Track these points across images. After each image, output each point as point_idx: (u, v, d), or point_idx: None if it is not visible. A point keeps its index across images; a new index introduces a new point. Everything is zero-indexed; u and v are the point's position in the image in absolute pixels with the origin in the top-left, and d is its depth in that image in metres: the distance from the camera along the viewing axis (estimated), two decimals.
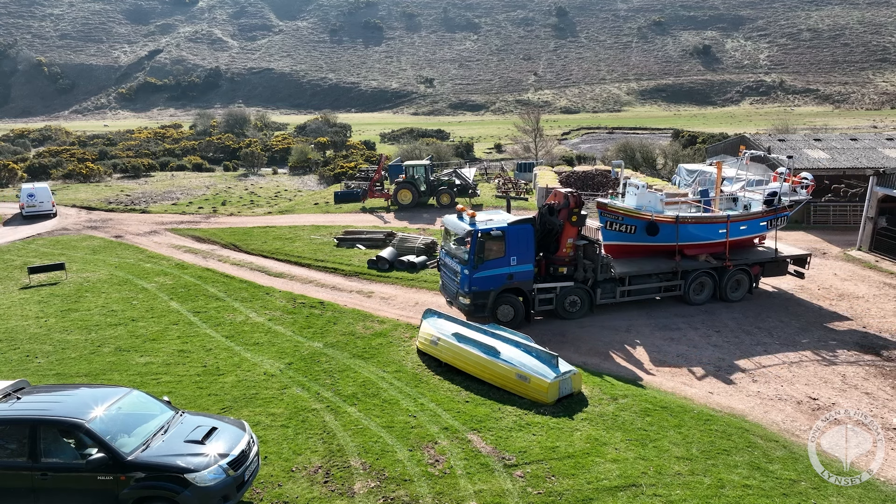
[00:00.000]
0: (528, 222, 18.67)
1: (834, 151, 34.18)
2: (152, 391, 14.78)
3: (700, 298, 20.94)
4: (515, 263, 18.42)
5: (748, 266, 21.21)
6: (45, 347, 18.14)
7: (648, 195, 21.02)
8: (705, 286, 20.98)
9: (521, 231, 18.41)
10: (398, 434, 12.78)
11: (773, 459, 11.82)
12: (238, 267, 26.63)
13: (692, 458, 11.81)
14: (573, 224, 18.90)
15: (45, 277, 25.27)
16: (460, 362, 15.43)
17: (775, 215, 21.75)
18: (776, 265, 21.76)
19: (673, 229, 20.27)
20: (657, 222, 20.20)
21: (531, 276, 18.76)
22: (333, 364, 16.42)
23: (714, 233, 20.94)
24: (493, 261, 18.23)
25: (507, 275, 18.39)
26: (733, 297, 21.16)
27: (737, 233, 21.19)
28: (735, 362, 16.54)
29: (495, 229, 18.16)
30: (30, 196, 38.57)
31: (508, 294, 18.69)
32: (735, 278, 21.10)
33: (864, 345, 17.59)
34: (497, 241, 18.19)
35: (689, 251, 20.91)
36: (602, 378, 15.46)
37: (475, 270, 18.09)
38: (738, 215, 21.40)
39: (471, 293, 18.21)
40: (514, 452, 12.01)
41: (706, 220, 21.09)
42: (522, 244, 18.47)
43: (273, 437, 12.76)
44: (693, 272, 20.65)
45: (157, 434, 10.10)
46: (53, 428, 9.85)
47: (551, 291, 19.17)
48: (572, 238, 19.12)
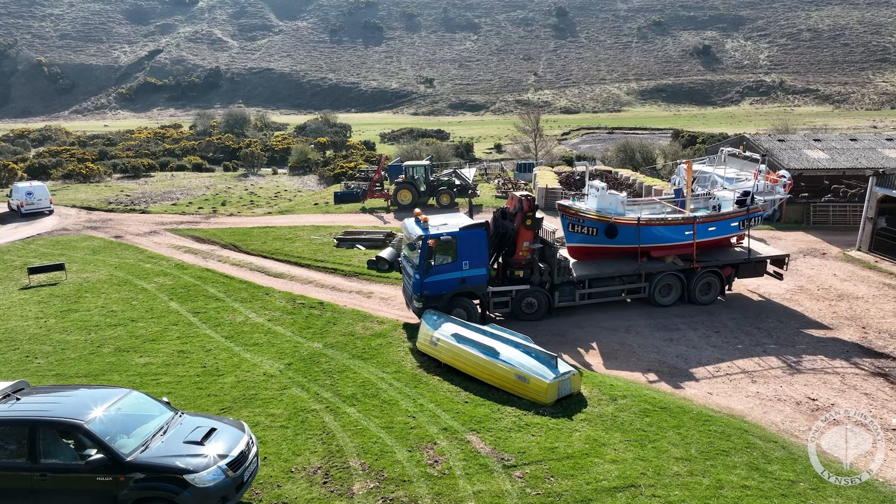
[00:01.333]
0: (480, 227, 18.70)
1: (833, 152, 34.18)
2: (152, 392, 14.80)
3: (667, 301, 20.63)
4: (468, 267, 18.51)
5: (719, 268, 20.81)
6: (45, 348, 18.15)
7: (609, 197, 20.71)
8: (672, 288, 20.67)
9: (473, 236, 18.46)
10: (397, 434, 12.79)
11: (771, 460, 11.83)
12: (238, 267, 26.64)
13: (691, 458, 11.83)
14: (528, 227, 18.90)
15: (45, 278, 25.28)
16: (459, 363, 15.44)
17: (748, 216, 21.18)
18: (751, 266, 21.26)
19: (635, 231, 20.04)
20: (617, 224, 20.05)
21: (485, 279, 18.82)
22: (333, 364, 16.43)
23: (680, 234, 20.58)
24: (444, 265, 18.37)
25: (459, 279, 18.49)
26: (703, 300, 20.77)
27: (705, 234, 20.71)
28: (734, 363, 16.55)
29: (446, 234, 18.27)
30: (28, 194, 39.30)
31: (462, 297, 18.75)
32: (704, 281, 20.70)
33: (864, 345, 17.59)
34: (448, 246, 18.31)
35: (656, 253, 20.62)
36: (601, 378, 15.47)
37: (426, 275, 18.19)
38: (706, 216, 20.98)
39: (423, 297, 18.32)
40: (514, 453, 12.02)
41: (671, 222, 20.74)
42: (475, 248, 18.52)
43: (272, 438, 12.77)
44: (658, 274, 20.37)
45: (156, 435, 10.11)
46: (53, 429, 9.86)
47: (507, 294, 19.19)
48: (528, 241, 19.09)
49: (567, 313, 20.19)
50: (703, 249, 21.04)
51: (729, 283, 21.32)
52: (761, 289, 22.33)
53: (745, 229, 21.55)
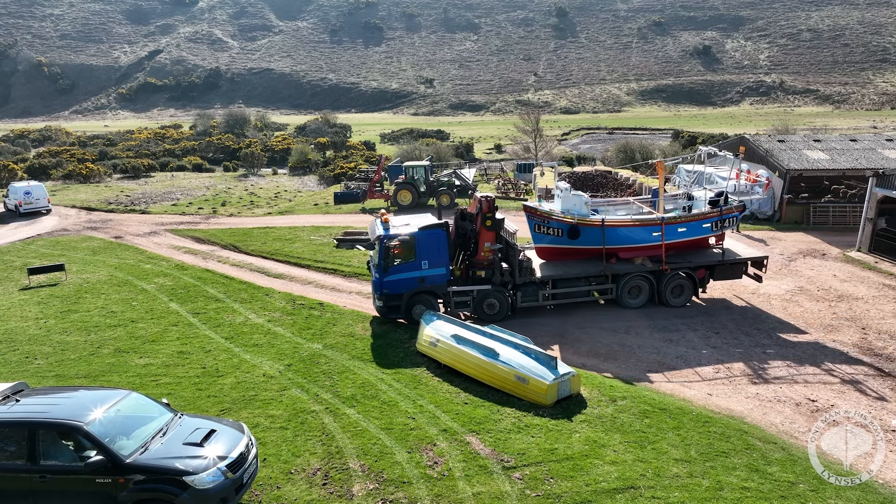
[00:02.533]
0: (439, 227, 19.08)
1: (833, 152, 34.17)
2: (151, 393, 14.80)
3: (636, 303, 20.49)
4: (427, 267, 18.99)
5: (690, 269, 20.57)
6: (45, 349, 18.15)
7: (573, 198, 20.67)
8: (642, 290, 20.50)
9: (431, 236, 18.93)
10: (397, 436, 12.79)
11: (771, 461, 11.82)
12: (238, 268, 26.64)
13: (691, 460, 11.82)
14: (488, 228, 19.15)
15: (45, 278, 25.29)
16: (459, 364, 15.44)
17: (720, 217, 20.79)
18: (727, 268, 20.88)
19: (599, 232, 19.98)
20: (580, 225, 20.06)
21: (444, 279, 19.21)
22: (333, 366, 16.42)
23: (647, 236, 20.34)
24: (403, 265, 18.89)
25: (418, 278, 18.98)
26: (674, 303, 20.54)
27: (675, 235, 20.43)
28: (734, 364, 16.55)
29: (404, 235, 18.79)
30: (26, 193, 39.47)
31: (423, 295, 19.17)
32: (676, 283, 20.48)
33: (863, 346, 17.58)
34: (406, 246, 18.83)
35: (624, 254, 20.50)
36: (601, 380, 15.46)
37: (385, 274, 18.80)
38: (675, 217, 20.71)
39: (383, 296, 18.95)
40: (513, 454, 12.01)
41: (637, 223, 20.52)
42: (434, 249, 18.98)
43: (272, 439, 12.76)
44: (625, 276, 20.25)
45: (155, 436, 10.11)
46: (52, 430, 9.86)
47: (468, 294, 19.40)
48: (489, 242, 19.30)
49: (568, 314, 20.21)
50: (677, 251, 20.80)
51: (703, 285, 21.05)
52: (761, 290, 22.31)
53: (719, 230, 21.13)
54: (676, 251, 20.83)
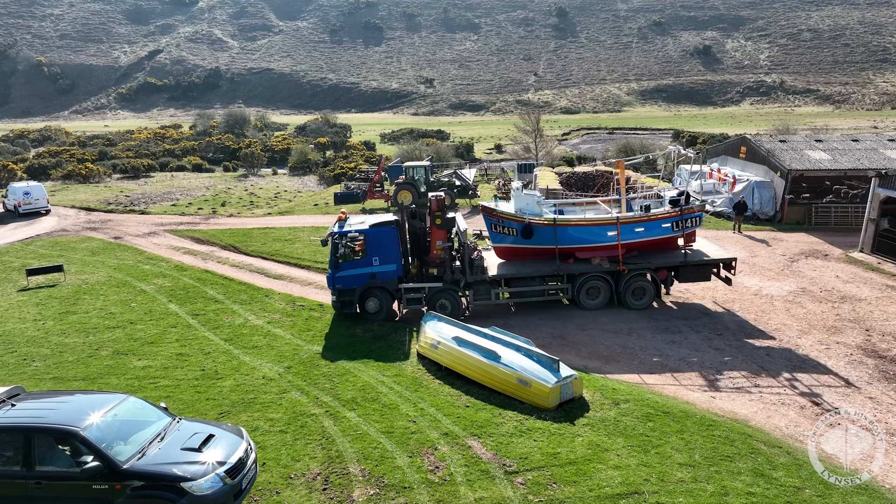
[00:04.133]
0: (390, 225, 19.59)
1: (835, 152, 34.05)
2: (150, 395, 14.69)
3: (594, 304, 20.23)
4: (378, 264, 19.45)
5: (652, 271, 20.29)
6: (43, 351, 18.02)
7: (526, 198, 20.59)
8: (600, 291, 20.25)
9: (381, 233, 19.47)
10: (398, 440, 12.65)
11: (776, 466, 11.68)
12: (237, 269, 26.51)
13: (695, 464, 11.68)
14: (438, 227, 19.51)
15: (44, 279, 25.16)
16: (460, 366, 15.30)
17: (681, 216, 20.27)
18: (693, 270, 20.41)
19: (552, 232, 19.87)
20: (532, 225, 20.00)
21: (394, 275, 19.58)
22: (333, 368, 16.29)
23: (602, 236, 20.08)
24: (354, 261, 19.37)
25: (369, 274, 19.43)
26: (635, 305, 20.23)
27: (632, 235, 20.07)
28: (737, 366, 16.40)
29: (353, 232, 19.28)
30: (25, 194, 39.39)
31: (376, 290, 19.60)
32: (637, 284, 20.16)
33: (867, 348, 17.44)
34: (356, 244, 19.29)
35: (582, 254, 20.33)
36: (603, 382, 15.33)
37: (336, 270, 19.40)
38: (630, 217, 20.31)
39: (336, 291, 19.51)
40: (515, 459, 11.87)
41: (590, 223, 20.33)
42: (384, 245, 19.45)
43: (271, 443, 12.63)
44: (581, 276, 20.05)
45: (153, 441, 9.97)
46: (48, 436, 9.72)
47: (420, 291, 19.61)
48: (441, 240, 19.56)
49: (568, 316, 20.06)
50: (641, 251, 20.56)
51: (666, 286, 20.80)
52: (763, 291, 22.19)
53: (681, 231, 20.61)
54: (640, 251, 20.54)
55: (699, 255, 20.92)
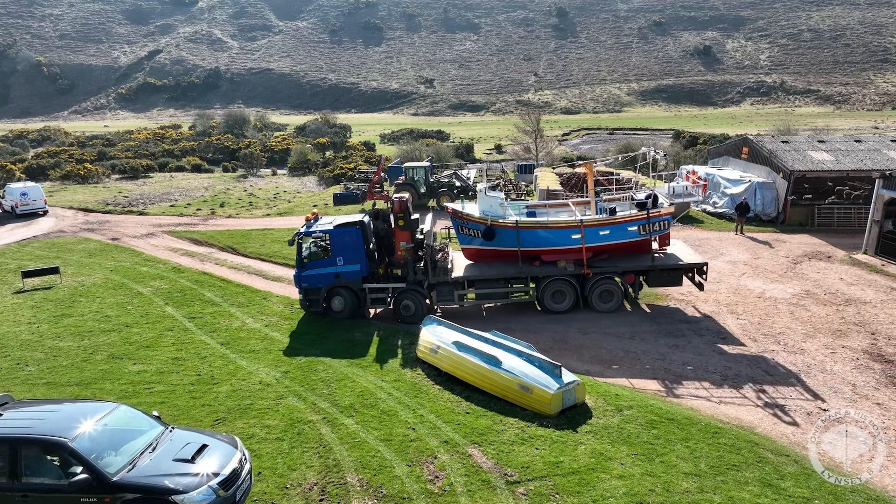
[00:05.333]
0: (354, 225, 19.77)
1: (838, 153, 33.77)
2: (145, 401, 14.45)
3: (560, 307, 19.97)
4: (342, 263, 19.66)
5: (618, 274, 19.99)
6: (37, 355, 17.75)
7: (488, 199, 20.52)
8: (566, 294, 19.99)
9: (345, 234, 19.70)
10: (396, 448, 12.37)
11: (784, 475, 11.40)
12: (235, 270, 26.25)
13: (701, 473, 11.40)
14: (401, 228, 19.78)
15: (40, 281, 24.89)
16: (460, 372, 15.03)
17: (647, 220, 19.78)
18: (662, 274, 20.03)
19: (514, 234, 19.71)
20: (494, 227, 19.94)
21: (359, 275, 19.73)
22: (331, 373, 16.02)
23: (566, 238, 19.84)
24: (319, 261, 19.72)
25: (334, 274, 19.67)
26: (602, 308, 19.93)
27: (596, 238, 19.79)
28: (741, 370, 16.13)
29: (318, 232, 19.70)
30: (23, 195, 39.14)
31: (341, 289, 19.82)
32: (604, 287, 19.90)
33: (873, 353, 17.17)
34: (320, 243, 19.70)
35: (547, 257, 20.16)
36: (606, 388, 15.04)
37: (302, 269, 19.81)
38: (594, 220, 19.99)
39: (302, 290, 19.92)
40: (517, 468, 11.59)
41: (554, 226, 20.12)
42: (348, 245, 19.66)
43: (267, 451, 12.35)
44: (545, 279, 19.86)
45: (144, 452, 9.69)
46: (35, 446, 9.44)
47: (384, 291, 19.76)
48: (405, 241, 19.74)
49: (570, 319, 19.78)
50: (611, 254, 20.35)
51: (634, 290, 20.48)
52: (767, 293, 21.92)
53: (648, 234, 20.17)
54: (609, 254, 20.35)
55: (673, 258, 20.60)
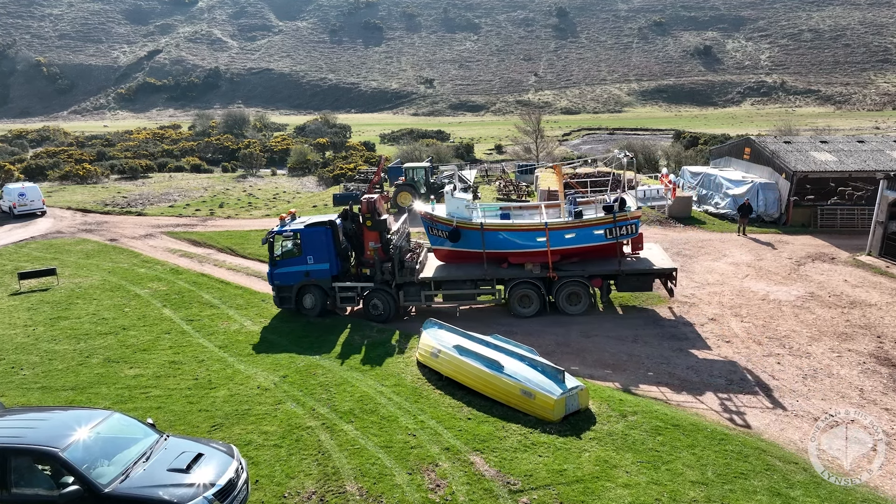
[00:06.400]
0: (324, 225, 20.18)
1: (841, 154, 33.54)
2: (141, 406, 14.23)
3: (527, 311, 19.85)
4: (312, 262, 20.07)
5: (585, 278, 19.77)
6: (32, 358, 17.52)
7: (454, 201, 20.55)
8: (532, 297, 19.85)
9: (315, 233, 20.09)
10: (397, 455, 12.13)
11: (794, 484, 11.17)
12: (234, 272, 26.02)
13: (708, 482, 11.16)
14: (369, 228, 20.08)
15: (36, 283, 24.65)
16: (462, 376, 14.79)
17: (614, 223, 19.52)
18: (631, 279, 19.83)
19: (479, 236, 19.69)
20: (459, 228, 20.02)
21: (328, 274, 20.11)
22: (330, 377, 15.78)
23: (532, 241, 19.79)
24: (290, 259, 20.14)
25: (304, 272, 20.09)
26: (570, 311, 19.78)
27: (562, 242, 19.70)
28: (747, 375, 15.90)
29: (289, 231, 20.13)
30: (20, 195, 38.87)
31: (311, 287, 20.21)
32: (570, 290, 19.72)
33: (880, 356, 16.94)
34: (291, 242, 20.13)
35: (515, 259, 20.09)
36: (609, 393, 14.80)
37: (274, 267, 20.30)
38: (559, 223, 19.88)
39: (274, 287, 20.44)
40: (520, 476, 11.35)
41: (518, 228, 20.06)
42: (318, 245, 20.06)
43: (265, 459, 12.11)
44: (511, 281, 19.78)
45: (138, 462, 9.44)
46: (25, 457, 9.20)
47: (353, 290, 20.14)
48: (373, 242, 20.05)
49: (572, 322, 19.55)
50: (581, 257, 20.20)
51: (603, 293, 20.25)
52: (771, 296, 21.70)
53: (615, 238, 19.81)
54: (580, 258, 20.22)
55: (645, 263, 20.39)
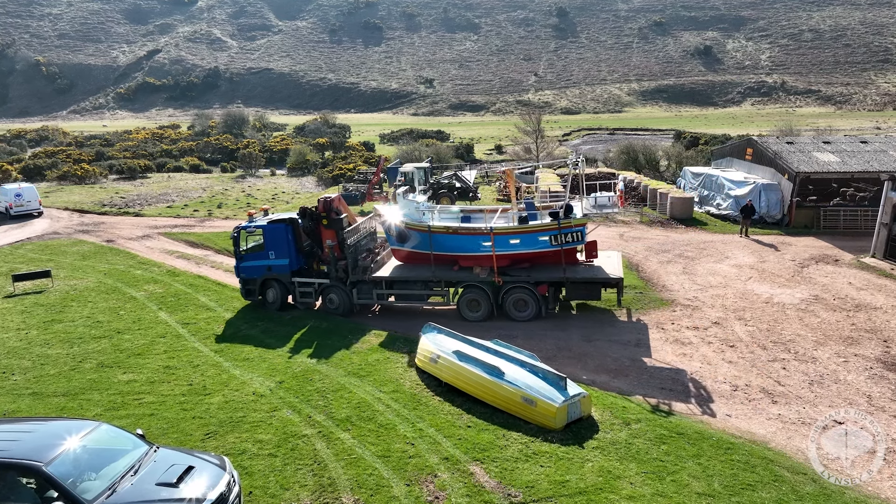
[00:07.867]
0: (284, 222, 21.03)
1: (844, 154, 33.25)
2: (133, 413, 13.93)
3: (475, 316, 19.72)
4: (273, 257, 21.03)
5: (531, 284, 19.55)
6: (24, 363, 17.21)
7: (407, 203, 21.01)
8: (480, 301, 19.70)
9: (276, 230, 21.01)
10: (395, 465, 11.81)
11: (803, 496, 10.86)
12: (232, 274, 25.62)
13: (714, 494, 10.85)
14: (325, 227, 20.67)
15: (31, 285, 24.34)
16: (461, 382, 14.48)
17: (559, 230, 19.23)
18: (579, 287, 19.61)
19: (427, 238, 19.88)
20: (409, 230, 20.34)
21: (287, 269, 21.00)
22: (327, 383, 15.47)
23: (478, 245, 19.73)
24: (255, 254, 21.21)
25: (266, 266, 21.10)
26: (518, 317, 19.55)
27: (507, 247, 19.56)
28: (752, 381, 15.58)
29: (252, 227, 21.23)
30: (17, 196, 38.52)
31: (273, 281, 21.15)
32: (517, 296, 19.49)
33: (887, 361, 16.62)
34: (254, 238, 21.25)
35: (465, 262, 20.10)
36: (612, 400, 14.49)
37: (240, 261, 21.44)
38: (504, 228, 19.76)
39: (241, 280, 21.58)
40: (521, 487, 11.04)
41: (464, 231, 20.07)
42: (279, 241, 20.97)
43: (259, 469, 11.80)
44: (459, 284, 19.81)
45: (125, 475, 9.12)
46: (7, 471, 8.87)
47: (310, 286, 20.93)
48: (329, 240, 20.54)
49: (573, 326, 19.26)
50: (532, 263, 19.99)
51: (553, 300, 19.98)
52: (775, 299, 21.39)
53: (560, 245, 19.47)
54: (531, 263, 20.03)
55: (597, 271, 20.09)
